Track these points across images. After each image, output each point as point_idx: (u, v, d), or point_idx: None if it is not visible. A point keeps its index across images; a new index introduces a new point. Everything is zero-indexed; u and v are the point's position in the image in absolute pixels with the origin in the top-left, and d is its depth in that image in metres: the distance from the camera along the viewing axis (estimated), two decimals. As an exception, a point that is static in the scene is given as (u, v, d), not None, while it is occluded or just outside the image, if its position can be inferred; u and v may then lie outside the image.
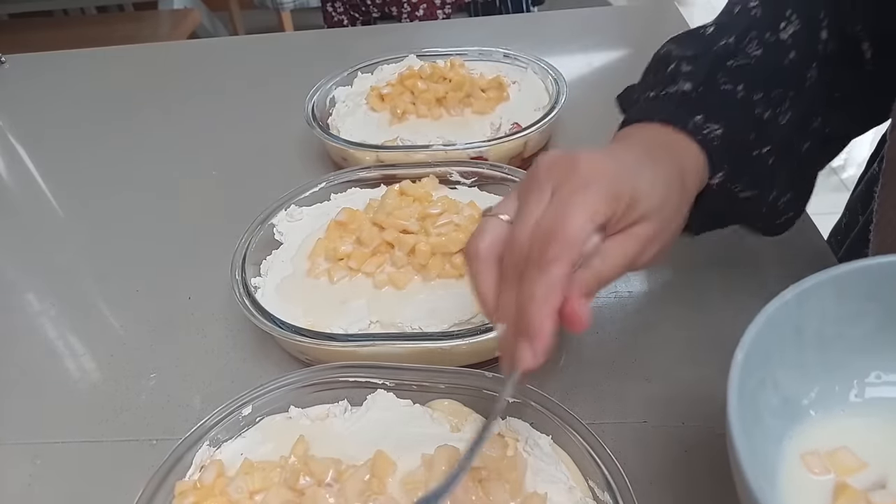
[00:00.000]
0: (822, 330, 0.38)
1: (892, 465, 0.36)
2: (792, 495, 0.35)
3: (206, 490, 0.43)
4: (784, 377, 0.38)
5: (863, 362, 0.39)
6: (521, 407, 0.47)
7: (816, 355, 0.39)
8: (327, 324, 0.55)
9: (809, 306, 0.37)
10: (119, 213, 0.79)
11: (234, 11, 2.64)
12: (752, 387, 0.35)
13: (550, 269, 0.36)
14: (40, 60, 1.16)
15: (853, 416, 0.38)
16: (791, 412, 0.38)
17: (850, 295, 0.37)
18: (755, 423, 0.35)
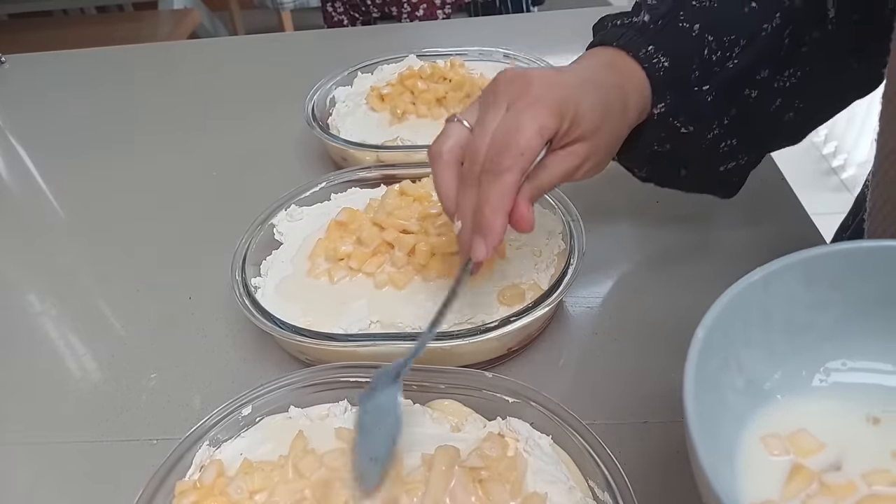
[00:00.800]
0: (791, 316, 0.39)
1: (849, 447, 0.36)
2: (749, 475, 0.36)
3: (206, 490, 0.43)
4: (749, 359, 0.38)
5: (830, 349, 0.40)
6: (521, 407, 0.47)
7: (784, 340, 0.39)
8: (327, 324, 0.55)
9: (776, 289, 0.38)
10: (119, 213, 0.79)
11: (234, 11, 2.64)
12: (715, 366, 0.36)
13: (504, 176, 0.43)
14: (40, 60, 1.16)
15: (816, 400, 0.39)
16: (755, 394, 0.38)
17: (817, 280, 0.38)
18: (717, 403, 0.36)
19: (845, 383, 0.39)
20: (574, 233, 0.58)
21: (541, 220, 0.63)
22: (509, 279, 0.57)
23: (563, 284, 0.54)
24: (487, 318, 0.54)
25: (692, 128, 0.53)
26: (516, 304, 0.54)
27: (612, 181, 0.74)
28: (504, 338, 0.53)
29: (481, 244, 0.44)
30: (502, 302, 0.55)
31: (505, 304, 0.55)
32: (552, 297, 0.53)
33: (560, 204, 0.62)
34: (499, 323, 0.52)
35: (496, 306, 0.55)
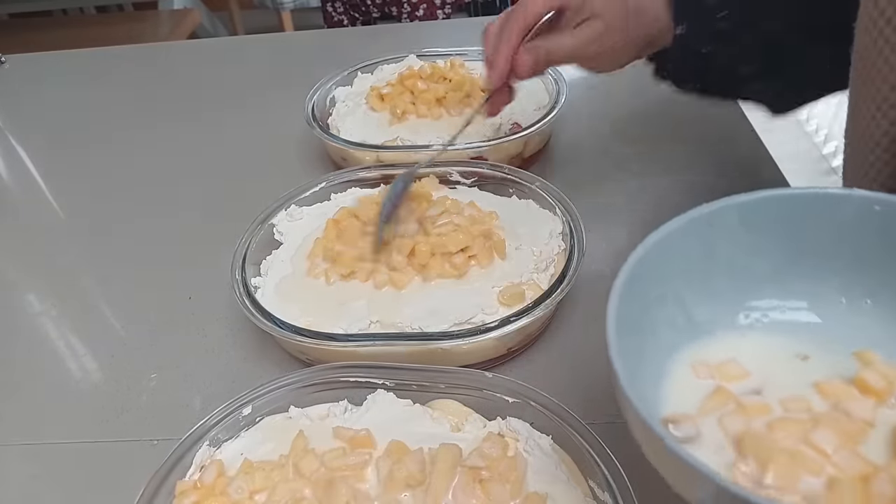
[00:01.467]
0: (732, 258, 0.39)
1: (773, 377, 0.37)
2: (672, 395, 0.37)
3: (207, 490, 0.44)
4: (689, 296, 0.39)
5: (771, 291, 0.40)
6: (521, 407, 0.47)
7: (726, 282, 0.40)
8: (327, 324, 0.55)
9: (718, 229, 0.38)
10: (119, 213, 0.79)
11: (234, 11, 2.63)
12: (653, 297, 0.38)
13: (510, 24, 0.57)
14: (40, 60, 1.16)
15: (752, 336, 0.40)
16: (692, 329, 0.39)
17: (757, 223, 0.39)
18: (651, 331, 0.37)
19: (783, 322, 0.40)
20: (574, 233, 0.58)
21: (541, 220, 0.63)
22: (509, 279, 0.57)
23: (563, 284, 0.54)
24: (487, 318, 0.54)
25: (712, 47, 0.57)
26: (516, 304, 0.54)
27: (613, 181, 0.74)
28: (504, 338, 0.53)
29: (489, 74, 0.59)
30: (502, 302, 0.55)
31: (505, 304, 0.55)
32: (552, 297, 0.53)
33: (560, 204, 0.62)
34: (499, 323, 0.52)
35: (496, 306, 0.55)
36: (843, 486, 0.31)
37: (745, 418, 0.35)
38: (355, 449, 0.45)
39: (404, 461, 0.43)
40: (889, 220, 0.37)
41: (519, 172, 0.66)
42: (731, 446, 0.34)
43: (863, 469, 0.32)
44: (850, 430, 0.33)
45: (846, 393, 0.35)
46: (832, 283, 0.40)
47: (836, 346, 0.37)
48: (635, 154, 0.77)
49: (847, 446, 0.33)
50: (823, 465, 0.32)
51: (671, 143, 0.68)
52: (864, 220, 0.37)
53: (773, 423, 0.34)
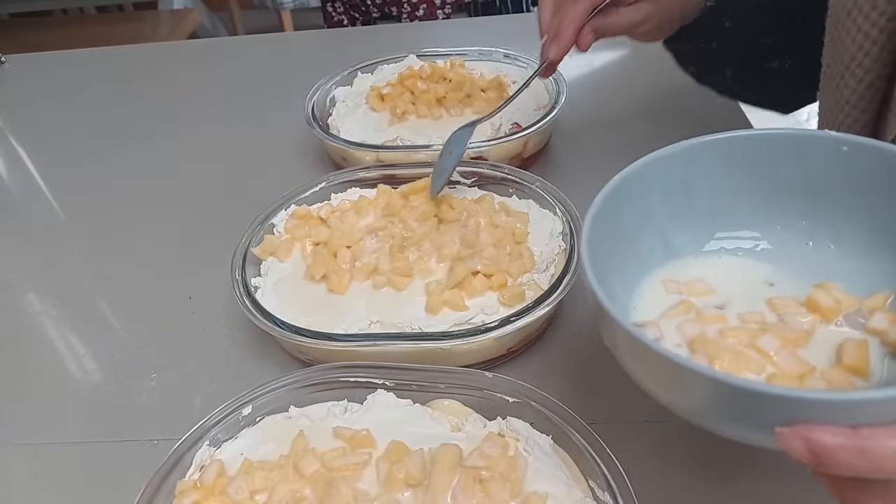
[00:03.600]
0: (710, 194, 0.42)
1: (737, 295, 0.40)
2: (641, 305, 0.40)
3: (207, 490, 0.44)
4: (669, 225, 0.42)
5: (744, 225, 0.43)
6: (521, 407, 0.47)
7: (703, 215, 0.43)
8: (327, 324, 0.55)
9: (696, 163, 0.41)
10: (119, 213, 0.79)
11: (234, 11, 2.63)
12: (633, 220, 0.41)
13: (579, 3, 0.60)
14: (40, 60, 1.16)
15: (722, 260, 0.43)
16: (668, 253, 0.42)
17: (734, 160, 0.41)
18: (629, 251, 0.41)
19: (753, 253, 0.43)
20: (574, 233, 0.58)
21: (541, 220, 0.63)
22: (511, 279, 0.57)
23: (563, 284, 0.54)
24: (487, 318, 0.54)
25: (735, 21, 0.61)
26: (516, 304, 0.54)
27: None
28: (504, 338, 0.53)
29: (554, 46, 0.62)
30: (502, 302, 0.55)
31: (505, 304, 0.55)
32: (552, 297, 0.53)
33: (560, 204, 0.62)
34: (499, 323, 0.52)
35: (496, 306, 0.55)
36: (779, 380, 0.34)
37: (701, 325, 0.38)
38: (355, 449, 0.45)
39: (404, 461, 0.43)
40: (854, 160, 0.39)
41: (519, 172, 0.66)
42: (685, 346, 0.37)
43: (800, 369, 0.34)
44: (793, 337, 0.36)
45: (795, 308, 0.38)
46: (800, 227, 0.42)
47: (801, 278, 0.40)
48: (635, 154, 0.77)
49: (787, 349, 0.35)
50: (765, 364, 0.35)
51: (671, 143, 0.68)
52: (833, 160, 0.40)
53: (725, 330, 0.37)
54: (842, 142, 0.39)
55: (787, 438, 0.27)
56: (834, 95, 0.49)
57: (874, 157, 0.38)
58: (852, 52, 0.46)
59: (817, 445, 0.27)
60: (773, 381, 0.34)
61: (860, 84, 0.47)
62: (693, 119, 0.81)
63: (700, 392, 0.31)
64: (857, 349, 0.34)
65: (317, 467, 0.44)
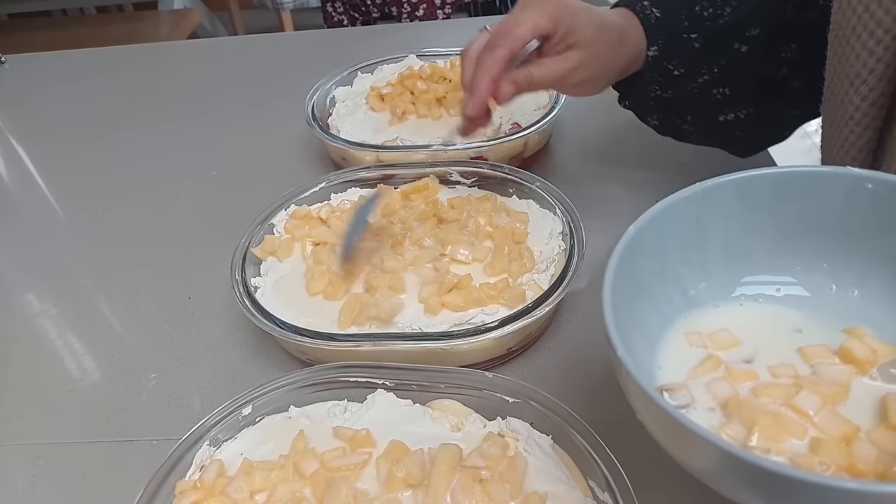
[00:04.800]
0: (727, 237, 0.41)
1: (764, 347, 0.38)
2: (666, 363, 0.38)
3: (207, 490, 0.44)
4: (686, 272, 0.41)
5: (764, 269, 0.41)
6: (521, 407, 0.47)
7: (720, 259, 0.42)
8: (327, 324, 0.55)
9: (712, 205, 0.39)
10: (119, 213, 0.79)
11: (234, 11, 2.63)
12: (649, 271, 0.39)
13: (494, 50, 0.54)
14: (40, 60, 1.16)
15: (745, 308, 0.41)
16: (687, 303, 0.41)
17: (750, 200, 0.39)
18: (648, 304, 0.39)
19: (776, 296, 0.41)
20: (574, 233, 0.58)
21: (541, 220, 0.63)
22: (512, 279, 0.57)
23: (563, 284, 0.54)
24: (487, 318, 0.54)
25: (683, 70, 0.59)
26: (516, 304, 0.54)
27: (613, 181, 0.74)
28: (504, 338, 0.53)
29: (469, 100, 0.56)
30: (502, 302, 0.55)
31: (505, 305, 0.55)
32: (552, 297, 0.53)
33: (560, 204, 0.62)
34: (499, 323, 0.52)
35: (496, 306, 0.55)
36: (825, 447, 0.32)
37: (732, 384, 0.36)
38: (355, 449, 0.45)
39: (404, 461, 0.43)
40: (879, 198, 0.37)
41: (519, 172, 0.66)
42: (719, 409, 0.35)
43: (844, 429, 0.32)
44: (831, 393, 0.34)
45: (828, 358, 0.36)
46: (822, 269, 0.40)
47: (829, 323, 0.38)
48: (635, 154, 0.77)
49: (827, 406, 0.33)
50: (806, 426, 0.33)
51: (671, 143, 0.67)
52: (855, 198, 0.38)
53: (758, 388, 0.35)
54: (866, 179, 0.37)
55: None
56: (838, 111, 0.49)
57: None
58: (857, 69, 0.45)
59: None
60: (818, 448, 0.32)
61: (864, 101, 0.46)
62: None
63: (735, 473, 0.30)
64: (863, 345, 0.34)
65: (317, 467, 0.44)
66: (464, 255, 0.58)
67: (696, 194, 0.39)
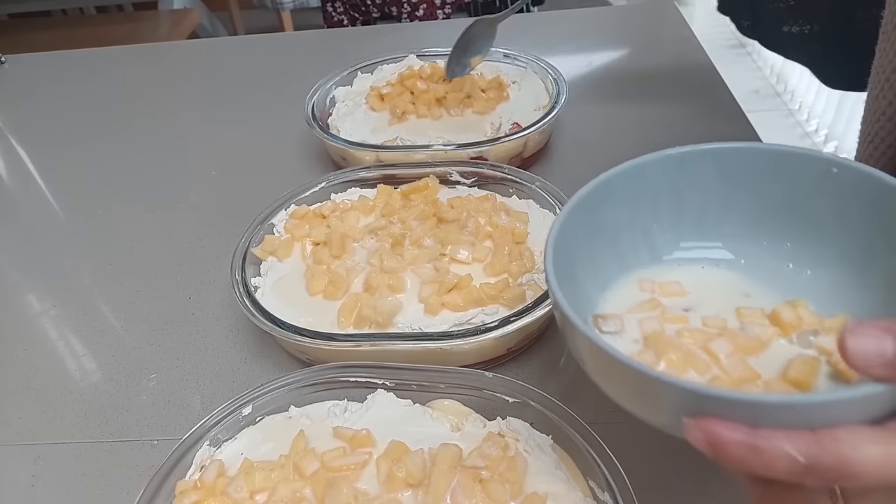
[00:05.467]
0: (703, 210, 0.42)
1: (707, 302, 0.40)
2: (611, 299, 0.40)
3: (207, 490, 0.44)
4: (656, 232, 0.42)
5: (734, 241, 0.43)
6: (521, 407, 0.47)
7: (693, 228, 0.43)
8: (327, 324, 0.55)
9: (687, 170, 0.41)
10: (119, 213, 0.79)
11: (234, 11, 2.63)
12: (620, 222, 0.41)
13: None
14: (40, 60, 1.16)
15: (705, 270, 0.42)
16: (653, 258, 0.43)
17: (726, 171, 0.41)
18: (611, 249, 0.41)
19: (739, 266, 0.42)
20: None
21: (541, 220, 0.63)
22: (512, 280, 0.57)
23: (563, 284, 0.54)
24: (487, 318, 0.54)
25: None
26: (516, 304, 0.54)
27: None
28: (504, 338, 0.53)
29: None
30: (502, 302, 0.55)
31: (505, 305, 0.55)
32: (552, 297, 0.53)
33: (560, 204, 0.62)
34: (499, 323, 0.52)
35: (496, 306, 0.55)
36: (720, 383, 0.34)
37: (662, 324, 0.38)
38: (355, 449, 0.45)
39: (404, 461, 0.43)
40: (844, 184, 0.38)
41: (519, 172, 0.66)
42: (642, 341, 0.37)
43: (744, 375, 0.34)
44: (746, 344, 0.36)
45: (759, 319, 0.37)
46: (784, 249, 0.42)
47: (776, 294, 0.40)
48: (635, 154, 0.77)
49: (738, 355, 0.35)
50: (711, 367, 0.35)
51: (671, 144, 0.67)
52: (823, 183, 0.39)
53: (683, 331, 0.37)
54: (832, 163, 0.38)
55: (691, 429, 0.29)
56: (872, 106, 0.48)
57: (866, 185, 0.36)
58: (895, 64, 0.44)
59: (715, 438, 0.28)
60: (713, 383, 0.33)
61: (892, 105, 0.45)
62: (694, 120, 0.81)
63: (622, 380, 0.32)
64: (806, 364, 0.34)
65: (317, 467, 0.44)
66: (464, 255, 0.58)
67: (673, 157, 0.40)
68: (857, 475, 0.27)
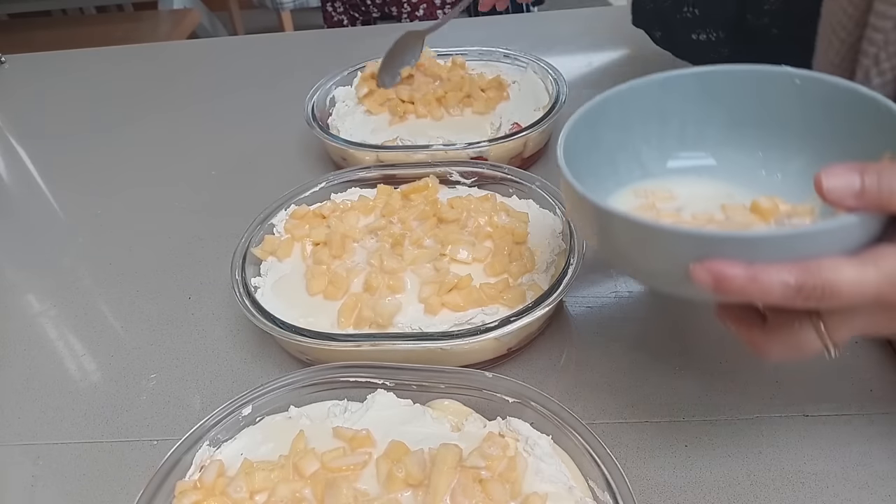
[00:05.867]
0: (684, 128, 0.48)
1: (696, 201, 0.45)
2: (611, 202, 0.45)
3: (207, 490, 0.44)
4: (645, 150, 0.48)
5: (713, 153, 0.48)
6: (521, 407, 0.47)
7: (676, 144, 0.48)
8: (327, 324, 0.55)
9: (672, 94, 0.46)
10: (119, 213, 0.79)
11: (234, 11, 2.63)
12: (612, 140, 0.46)
13: None
14: (40, 60, 1.16)
15: (690, 178, 0.48)
16: (644, 174, 0.48)
17: (705, 93, 0.46)
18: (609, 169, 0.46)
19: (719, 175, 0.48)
20: (574, 233, 0.58)
21: (541, 220, 0.63)
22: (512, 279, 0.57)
23: (563, 284, 0.54)
24: (487, 318, 0.54)
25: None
26: (516, 304, 0.54)
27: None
28: (504, 338, 0.53)
29: None
30: (502, 302, 0.55)
31: (505, 305, 0.55)
32: (552, 297, 0.53)
33: (560, 204, 0.62)
34: (499, 323, 0.52)
35: (496, 306, 0.55)
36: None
37: (655, 213, 0.43)
38: (355, 449, 0.45)
39: (404, 461, 0.43)
40: (806, 92, 0.43)
41: (519, 172, 0.66)
42: None
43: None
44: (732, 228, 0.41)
45: (741, 210, 0.42)
46: (757, 157, 0.48)
47: (754, 194, 0.44)
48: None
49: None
50: None
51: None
52: (787, 94, 0.44)
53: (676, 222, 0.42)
54: (794, 76, 0.43)
55: (698, 271, 0.33)
56: (823, 61, 0.52)
57: (824, 90, 0.42)
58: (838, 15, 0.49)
59: (719, 275, 0.33)
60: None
61: (843, 45, 0.49)
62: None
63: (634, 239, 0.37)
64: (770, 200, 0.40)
65: (317, 467, 0.44)
66: (464, 255, 0.58)
67: (658, 81, 0.46)
68: (838, 293, 0.32)
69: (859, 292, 0.33)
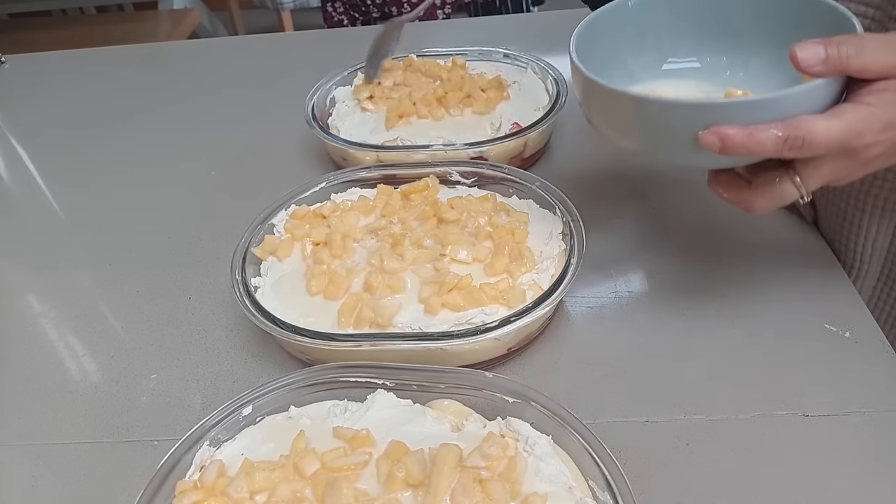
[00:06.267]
0: (659, 42, 0.58)
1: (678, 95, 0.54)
2: None
3: (207, 490, 0.44)
4: (632, 63, 0.58)
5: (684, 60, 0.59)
6: (521, 407, 0.47)
7: (655, 57, 0.59)
8: (327, 324, 0.55)
9: (647, 15, 0.57)
10: (119, 213, 0.79)
11: (234, 11, 2.63)
12: (604, 55, 0.55)
13: None
14: (40, 60, 1.16)
15: (670, 80, 0.58)
16: (633, 80, 0.58)
17: (675, 9, 0.57)
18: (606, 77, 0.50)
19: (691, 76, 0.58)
20: (574, 233, 0.58)
21: (541, 220, 0.63)
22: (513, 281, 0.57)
23: (563, 284, 0.54)
24: (487, 318, 0.54)
25: None
26: (516, 304, 0.54)
27: (613, 181, 0.74)
28: (504, 338, 0.53)
29: None
30: (502, 302, 0.55)
31: (505, 305, 0.55)
32: (552, 297, 0.53)
33: (560, 204, 0.62)
34: (499, 323, 0.52)
35: (496, 306, 0.55)
36: None
37: None
38: (355, 449, 0.45)
39: (404, 461, 0.43)
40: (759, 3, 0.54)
41: (519, 172, 0.66)
42: None
43: None
44: None
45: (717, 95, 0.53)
46: (722, 62, 0.58)
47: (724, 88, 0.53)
48: (635, 154, 0.77)
49: None
50: None
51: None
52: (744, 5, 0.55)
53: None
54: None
55: (705, 136, 0.43)
56: None
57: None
58: None
59: (723, 135, 0.42)
60: None
61: None
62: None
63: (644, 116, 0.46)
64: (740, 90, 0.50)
65: (317, 467, 0.44)
66: (464, 256, 0.58)
67: (633, 3, 0.56)
68: (814, 142, 0.41)
69: (828, 140, 0.41)
